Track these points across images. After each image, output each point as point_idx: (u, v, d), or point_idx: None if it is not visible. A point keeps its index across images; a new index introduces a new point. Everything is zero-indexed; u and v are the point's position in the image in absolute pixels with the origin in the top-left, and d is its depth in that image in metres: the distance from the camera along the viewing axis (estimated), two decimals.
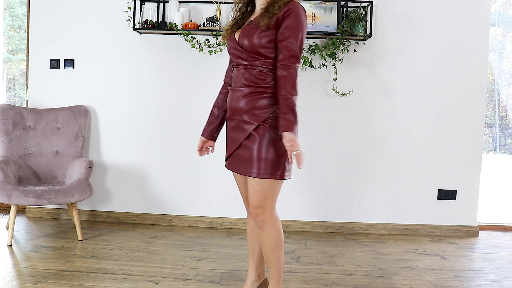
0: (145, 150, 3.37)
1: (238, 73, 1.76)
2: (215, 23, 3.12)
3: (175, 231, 3.21)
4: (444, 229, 3.33)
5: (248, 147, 1.71)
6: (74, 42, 3.35)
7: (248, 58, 1.71)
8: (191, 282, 2.24)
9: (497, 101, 5.39)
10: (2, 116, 3.08)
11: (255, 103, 1.71)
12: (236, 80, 1.77)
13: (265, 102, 1.71)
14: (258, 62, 1.70)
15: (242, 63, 1.73)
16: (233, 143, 1.78)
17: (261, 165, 1.68)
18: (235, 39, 1.77)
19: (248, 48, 1.69)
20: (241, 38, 1.72)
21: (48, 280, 2.18)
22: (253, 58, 1.70)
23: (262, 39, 1.66)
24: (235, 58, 1.77)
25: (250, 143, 1.71)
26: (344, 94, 3.23)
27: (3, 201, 2.67)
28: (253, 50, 1.69)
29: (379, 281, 2.33)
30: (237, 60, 1.76)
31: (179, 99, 3.34)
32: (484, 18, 3.26)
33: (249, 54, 1.70)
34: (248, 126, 1.71)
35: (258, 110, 1.70)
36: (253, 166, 1.69)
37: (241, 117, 1.74)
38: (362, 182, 3.33)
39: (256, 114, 1.70)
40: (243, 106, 1.72)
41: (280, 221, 1.83)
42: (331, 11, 3.15)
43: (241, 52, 1.72)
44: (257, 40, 1.67)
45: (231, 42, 1.78)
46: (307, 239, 3.10)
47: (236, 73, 1.78)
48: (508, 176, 6.03)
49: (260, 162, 1.68)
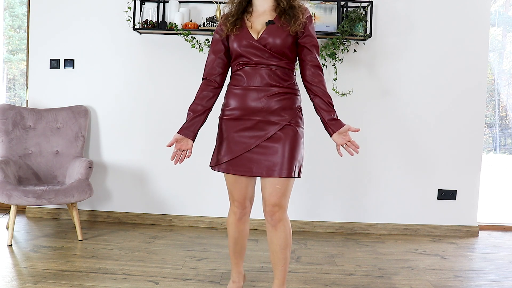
0: (145, 150, 3.37)
1: (257, 72, 1.73)
2: (215, 23, 3.12)
3: (175, 231, 3.21)
4: (444, 229, 3.33)
5: (271, 147, 1.72)
6: (74, 42, 3.35)
7: (271, 58, 1.72)
8: (191, 282, 2.24)
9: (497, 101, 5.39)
10: (2, 116, 3.08)
11: (285, 103, 1.74)
12: (253, 79, 1.74)
13: (294, 102, 1.78)
14: (284, 63, 1.74)
15: (264, 62, 1.72)
16: (245, 144, 1.75)
17: (287, 164, 1.71)
18: (252, 37, 1.73)
19: (273, 48, 1.71)
20: (267, 38, 1.71)
21: (48, 280, 2.18)
22: (276, 58, 1.73)
23: (289, 41, 1.72)
24: (252, 56, 1.73)
25: (274, 142, 1.72)
26: (344, 94, 3.23)
27: (3, 201, 2.67)
28: (279, 50, 1.72)
29: (379, 281, 2.33)
30: (255, 58, 1.73)
31: (179, 99, 3.34)
32: (484, 18, 3.26)
33: (272, 54, 1.72)
34: (273, 126, 1.73)
35: (287, 110, 1.74)
36: (277, 166, 1.71)
37: (263, 117, 1.73)
38: (362, 182, 3.33)
39: (285, 114, 1.74)
40: (270, 106, 1.73)
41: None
42: (331, 11, 3.15)
43: (262, 51, 1.72)
44: (285, 42, 1.71)
45: (245, 40, 1.73)
46: (307, 239, 3.10)
47: (251, 71, 1.74)
48: (508, 176, 6.03)
49: (285, 161, 1.71)
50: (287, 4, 1.72)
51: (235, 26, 1.75)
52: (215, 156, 1.85)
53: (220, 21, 1.82)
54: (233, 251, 1.97)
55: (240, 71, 1.78)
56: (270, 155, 1.72)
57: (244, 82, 1.76)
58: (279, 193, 1.73)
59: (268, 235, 1.82)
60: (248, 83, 1.75)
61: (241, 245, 1.96)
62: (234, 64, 1.82)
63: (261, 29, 1.74)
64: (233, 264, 2.02)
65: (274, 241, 1.79)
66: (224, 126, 1.83)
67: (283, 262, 1.80)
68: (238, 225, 1.91)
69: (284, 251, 1.79)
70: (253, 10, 1.80)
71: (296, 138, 1.76)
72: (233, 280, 2.05)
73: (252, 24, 1.76)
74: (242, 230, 1.92)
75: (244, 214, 1.89)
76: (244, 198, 1.86)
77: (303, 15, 1.73)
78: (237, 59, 1.79)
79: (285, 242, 1.78)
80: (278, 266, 1.81)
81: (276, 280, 1.84)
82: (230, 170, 1.78)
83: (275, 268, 1.82)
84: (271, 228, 1.79)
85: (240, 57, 1.76)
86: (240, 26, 1.75)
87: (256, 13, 1.79)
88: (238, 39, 1.74)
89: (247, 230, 1.95)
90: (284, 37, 1.71)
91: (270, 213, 1.76)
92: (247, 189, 1.85)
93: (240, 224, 1.91)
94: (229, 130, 1.80)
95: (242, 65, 1.77)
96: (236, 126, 1.78)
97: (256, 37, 1.73)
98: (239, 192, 1.84)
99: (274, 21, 1.73)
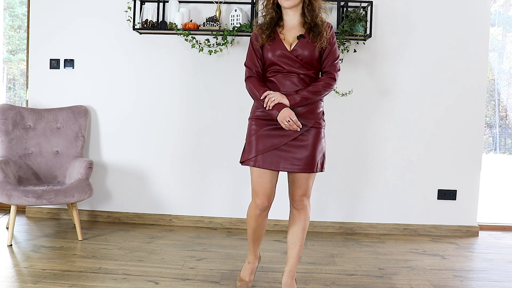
0: (145, 150, 3.37)
1: (288, 79, 1.96)
2: (215, 23, 3.12)
3: (175, 231, 3.21)
4: (444, 229, 3.33)
5: (298, 145, 1.94)
6: (74, 42, 3.35)
7: (301, 68, 1.96)
8: (191, 282, 2.24)
9: (497, 101, 5.38)
10: (2, 116, 3.08)
11: (310, 108, 1.97)
12: (285, 85, 1.96)
13: (318, 106, 2.01)
14: (311, 72, 1.99)
15: (296, 71, 1.96)
16: (274, 142, 1.94)
17: (314, 161, 1.96)
18: (285, 48, 1.95)
19: (304, 59, 1.95)
20: (300, 50, 1.94)
21: (48, 280, 2.18)
22: (305, 68, 1.96)
23: (316, 54, 1.96)
24: (284, 66, 1.95)
25: (300, 142, 1.94)
26: (344, 94, 3.23)
27: (3, 201, 2.67)
28: (309, 62, 1.96)
29: (379, 281, 2.33)
30: (288, 67, 1.95)
31: (179, 99, 3.34)
32: (484, 18, 3.26)
33: (302, 64, 1.95)
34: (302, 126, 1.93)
35: (312, 114, 1.97)
36: (310, 162, 1.95)
37: None
38: (362, 182, 3.33)
39: (311, 117, 1.96)
40: (298, 110, 1.94)
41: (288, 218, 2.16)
42: (331, 11, 3.15)
43: (294, 61, 1.95)
44: (313, 55, 1.96)
45: (280, 50, 1.95)
46: (307, 239, 3.10)
47: (283, 78, 1.96)
48: (508, 176, 6.03)
49: (315, 158, 1.96)
50: (312, 21, 1.95)
51: (269, 37, 1.97)
52: (246, 153, 2.02)
53: (256, 32, 2.04)
54: (251, 238, 2.14)
55: (273, 77, 1.99)
56: (297, 153, 1.94)
57: (276, 88, 1.98)
58: (307, 186, 2.00)
59: (292, 218, 2.09)
60: (280, 89, 1.97)
61: (259, 234, 2.12)
62: (267, 70, 2.02)
63: (293, 41, 1.97)
64: (250, 249, 2.18)
65: (297, 223, 2.07)
66: (255, 126, 2.02)
67: (301, 241, 2.07)
68: (257, 219, 2.06)
69: (304, 231, 2.07)
70: (284, 24, 2.01)
71: (319, 138, 1.99)
72: (248, 261, 2.21)
73: (284, 36, 1.98)
74: (261, 223, 2.08)
75: (264, 210, 2.04)
76: (268, 192, 2.00)
77: (327, 32, 1.96)
78: (270, 67, 2.00)
79: (306, 224, 2.08)
80: (297, 245, 2.07)
81: (293, 258, 2.07)
82: (258, 164, 1.96)
83: (293, 247, 2.07)
84: (296, 212, 2.06)
85: (274, 65, 1.98)
86: (273, 38, 1.98)
87: (287, 27, 2.00)
88: (272, 49, 1.97)
89: (265, 223, 2.12)
90: (312, 51, 1.95)
91: (298, 202, 2.04)
92: (270, 184, 2.00)
93: (260, 218, 2.06)
94: (260, 129, 1.99)
95: (275, 72, 1.99)
96: (267, 126, 1.98)
97: (289, 49, 1.96)
98: (263, 187, 1.99)
99: (305, 36, 1.96)
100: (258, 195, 2.01)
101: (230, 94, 3.30)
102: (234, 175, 3.32)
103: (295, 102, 1.91)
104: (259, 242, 2.16)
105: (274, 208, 2.98)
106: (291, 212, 2.10)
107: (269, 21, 2.00)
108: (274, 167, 1.95)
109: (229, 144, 3.31)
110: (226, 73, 3.29)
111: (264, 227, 2.11)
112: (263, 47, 2.00)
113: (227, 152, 3.31)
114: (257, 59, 2.01)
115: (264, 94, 1.94)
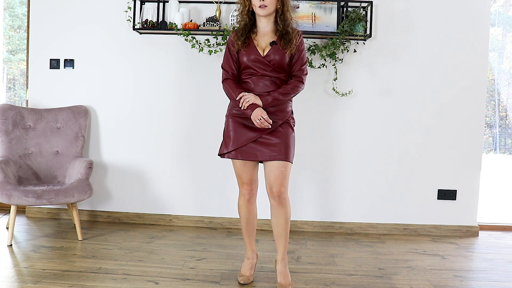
0: (145, 150, 3.37)
1: (261, 81, 2.15)
2: (215, 23, 3.12)
3: (175, 231, 3.21)
4: (444, 229, 3.33)
5: (271, 139, 2.14)
6: (74, 42, 3.35)
7: (273, 71, 2.16)
8: (191, 282, 2.24)
9: (497, 101, 5.38)
10: (2, 116, 3.08)
11: (281, 107, 2.17)
12: (259, 87, 2.16)
13: (287, 106, 2.22)
14: (283, 75, 2.19)
15: (268, 74, 2.15)
16: (250, 136, 2.14)
17: (288, 149, 2.15)
18: (259, 53, 2.14)
19: (276, 64, 2.14)
20: (272, 55, 2.14)
21: (48, 280, 2.18)
22: (276, 72, 2.16)
23: (286, 59, 2.17)
24: (258, 69, 2.15)
25: (273, 136, 2.14)
26: (344, 94, 3.23)
27: (3, 201, 2.67)
28: (280, 66, 2.16)
29: (379, 281, 2.33)
30: (261, 71, 2.15)
31: (179, 99, 3.34)
32: (484, 18, 3.26)
33: (274, 68, 2.15)
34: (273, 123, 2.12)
35: (283, 112, 2.19)
36: (285, 151, 2.13)
37: None
38: (362, 182, 3.33)
39: (281, 115, 2.17)
40: (270, 109, 2.13)
41: None
42: (331, 11, 3.15)
43: (267, 65, 2.14)
44: (284, 60, 2.16)
45: (253, 55, 2.14)
46: (307, 239, 3.10)
47: (257, 80, 2.16)
48: (508, 176, 6.02)
49: (287, 149, 2.14)
50: (284, 29, 2.15)
51: (244, 43, 2.16)
52: (224, 146, 2.22)
53: (231, 38, 2.21)
54: (245, 230, 2.31)
55: (248, 79, 2.18)
56: (271, 145, 2.14)
57: (251, 89, 2.17)
58: (283, 175, 2.15)
59: (274, 213, 2.20)
60: (254, 89, 2.16)
61: (251, 224, 2.30)
62: (242, 73, 2.21)
63: (265, 47, 2.16)
64: (246, 243, 2.34)
65: (280, 216, 2.18)
66: (231, 122, 2.21)
67: (286, 232, 2.21)
68: (247, 206, 2.26)
69: (287, 223, 2.20)
70: (257, 31, 2.21)
71: (289, 133, 2.19)
72: (247, 257, 2.33)
73: (258, 42, 2.18)
74: (251, 210, 2.28)
75: (252, 195, 2.26)
76: (251, 180, 2.24)
77: (296, 39, 2.17)
78: (245, 70, 2.19)
79: (288, 216, 2.20)
80: (283, 237, 2.21)
81: (282, 248, 2.22)
82: (238, 156, 2.17)
83: (280, 239, 2.21)
84: (277, 205, 2.17)
85: (248, 68, 2.17)
86: (248, 44, 2.16)
87: (260, 34, 2.20)
88: (247, 54, 2.15)
89: (255, 211, 2.31)
90: (283, 56, 2.15)
91: (277, 193, 2.15)
92: (253, 172, 2.24)
93: (249, 205, 2.27)
94: (236, 125, 2.19)
95: (249, 74, 2.18)
96: (243, 122, 2.17)
97: (263, 54, 2.15)
98: (247, 175, 2.22)
99: (277, 42, 2.15)
100: (243, 184, 2.25)
101: None
102: (234, 175, 3.31)
103: (267, 102, 2.11)
104: (253, 234, 2.33)
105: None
106: (272, 206, 2.21)
107: (243, 27, 2.19)
108: (252, 158, 2.15)
109: None
110: None
111: (254, 216, 2.30)
112: (239, 51, 2.18)
113: None
114: (233, 62, 2.21)
115: (240, 95, 2.13)
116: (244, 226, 2.31)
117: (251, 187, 2.25)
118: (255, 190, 2.28)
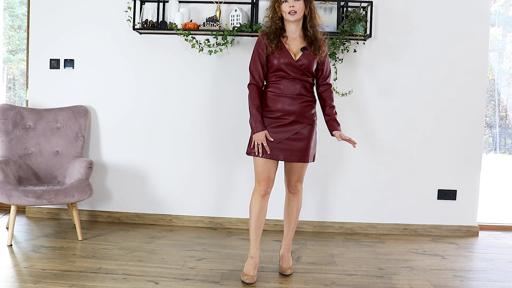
0: (145, 150, 3.37)
1: (292, 84, 2.27)
2: (215, 23, 3.12)
3: (175, 231, 3.21)
4: (444, 229, 3.33)
5: (298, 139, 2.27)
6: (74, 42, 3.35)
7: (303, 75, 2.28)
8: (191, 282, 2.24)
9: (497, 101, 5.38)
10: (2, 116, 3.08)
11: (308, 108, 2.31)
12: (289, 89, 2.27)
13: (313, 107, 2.35)
14: (311, 79, 2.33)
15: (299, 77, 2.27)
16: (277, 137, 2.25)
17: (310, 153, 2.31)
18: (291, 57, 2.25)
19: (306, 68, 2.27)
20: (303, 60, 2.26)
21: (48, 280, 2.18)
22: (305, 75, 2.29)
23: (315, 65, 2.31)
24: (290, 72, 2.26)
25: (298, 137, 2.27)
26: (344, 94, 3.23)
27: (3, 201, 2.67)
28: (309, 70, 2.29)
29: (379, 281, 2.33)
30: (293, 74, 2.26)
31: (179, 99, 3.34)
32: (484, 18, 3.26)
33: (304, 72, 2.27)
34: (299, 125, 2.27)
35: (309, 114, 2.31)
36: (305, 154, 2.29)
37: (294, 117, 2.26)
38: (362, 182, 3.33)
39: (307, 116, 2.30)
40: (299, 110, 2.27)
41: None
42: (331, 11, 3.15)
43: (298, 69, 2.26)
44: (313, 65, 2.30)
45: (287, 58, 2.24)
46: (307, 239, 3.10)
47: (288, 83, 2.27)
48: (508, 176, 6.02)
49: (309, 150, 2.30)
50: (313, 35, 2.28)
51: (277, 47, 2.25)
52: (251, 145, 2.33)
53: (264, 41, 2.27)
54: (254, 226, 2.33)
55: (279, 81, 2.28)
56: (295, 146, 2.27)
57: (282, 91, 2.27)
58: (300, 173, 2.37)
59: (288, 202, 2.44)
60: (285, 92, 2.27)
61: (261, 221, 2.34)
62: (273, 75, 2.30)
63: (296, 52, 2.27)
64: (252, 241, 2.34)
65: (292, 205, 2.43)
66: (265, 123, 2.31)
67: (295, 220, 2.44)
68: (261, 201, 2.32)
69: (298, 212, 2.44)
70: (287, 36, 2.30)
71: (313, 134, 2.33)
72: (251, 256, 2.33)
73: (289, 46, 2.28)
74: (263, 206, 2.33)
75: (267, 193, 2.33)
76: (269, 178, 2.31)
77: (324, 47, 2.31)
78: (276, 72, 2.28)
79: (299, 205, 2.45)
80: (292, 224, 2.44)
81: (288, 235, 2.44)
82: (265, 155, 2.26)
83: (289, 225, 2.44)
84: (292, 196, 2.42)
85: (280, 71, 2.27)
86: (281, 47, 2.26)
87: (290, 38, 2.30)
88: (279, 57, 2.25)
89: (266, 208, 2.36)
90: (313, 61, 2.29)
91: (293, 187, 2.40)
92: (273, 171, 2.32)
93: (263, 201, 2.33)
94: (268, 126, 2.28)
95: (281, 77, 2.28)
96: (273, 123, 2.27)
97: (295, 58, 2.26)
98: (267, 173, 2.30)
99: (307, 48, 2.28)
100: (262, 180, 2.31)
101: (230, 94, 3.30)
102: (234, 175, 3.32)
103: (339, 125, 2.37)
104: (260, 232, 2.35)
105: (274, 208, 3.00)
106: (287, 196, 2.45)
107: (275, 31, 2.27)
108: (276, 157, 2.26)
109: (229, 143, 3.31)
110: (226, 73, 3.29)
111: (264, 214, 2.35)
112: (270, 54, 2.27)
113: (227, 152, 3.31)
114: (260, 66, 2.30)
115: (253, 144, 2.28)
116: (253, 223, 2.32)
117: (268, 185, 2.32)
118: (271, 188, 2.34)
